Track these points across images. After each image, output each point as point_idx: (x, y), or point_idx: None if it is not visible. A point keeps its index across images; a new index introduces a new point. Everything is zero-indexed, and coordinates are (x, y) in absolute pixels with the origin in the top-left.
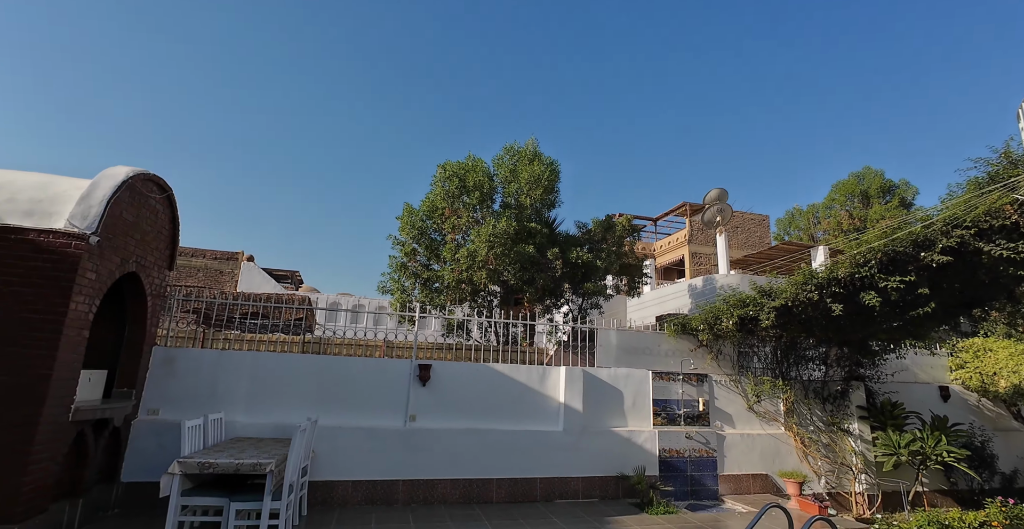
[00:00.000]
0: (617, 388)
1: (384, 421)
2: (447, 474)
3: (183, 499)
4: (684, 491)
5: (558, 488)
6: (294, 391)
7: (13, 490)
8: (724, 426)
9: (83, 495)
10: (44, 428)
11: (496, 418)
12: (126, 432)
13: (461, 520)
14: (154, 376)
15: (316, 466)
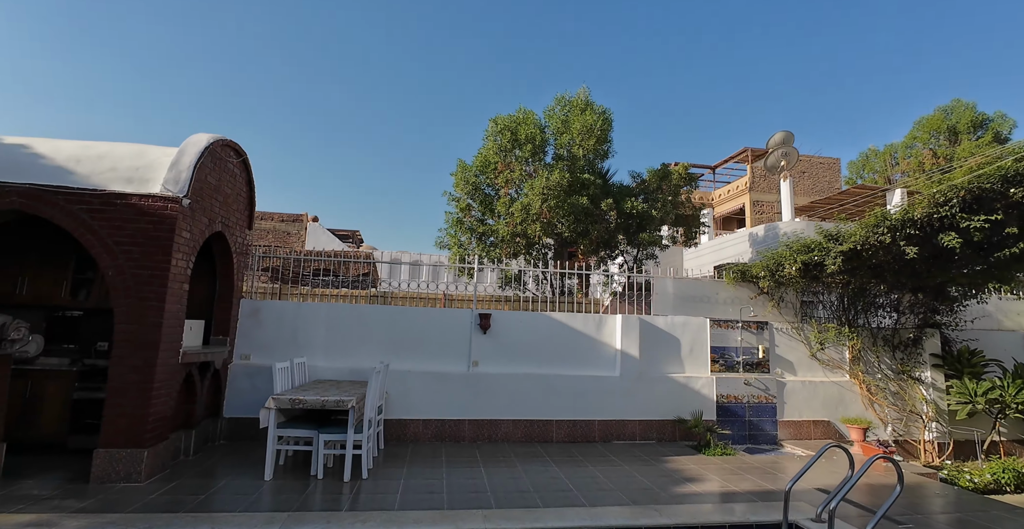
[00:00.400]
0: (674, 335)
1: (449, 366)
2: (509, 415)
3: (279, 431)
4: (742, 435)
5: (615, 430)
6: (366, 338)
7: (141, 420)
8: (785, 373)
9: (195, 427)
10: (161, 369)
11: (554, 364)
12: (224, 374)
13: (523, 456)
14: (243, 326)
15: (390, 406)
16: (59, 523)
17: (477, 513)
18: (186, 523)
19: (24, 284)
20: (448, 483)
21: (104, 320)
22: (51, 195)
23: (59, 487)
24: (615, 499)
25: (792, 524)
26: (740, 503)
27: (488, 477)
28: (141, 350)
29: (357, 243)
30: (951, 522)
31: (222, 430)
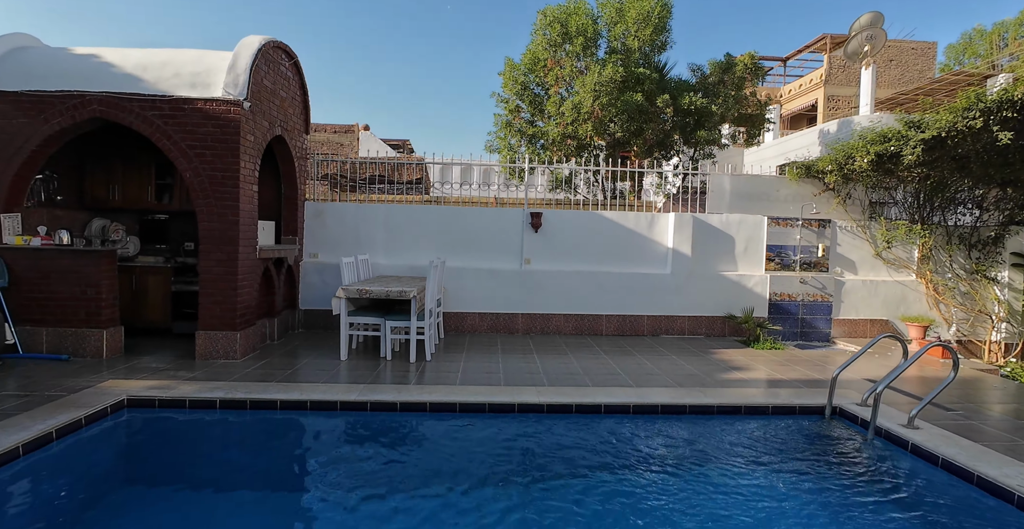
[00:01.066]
0: (728, 234)
1: (502, 264)
2: (560, 310)
3: (349, 318)
4: (793, 332)
5: (664, 325)
6: (421, 238)
7: (231, 307)
8: (844, 272)
9: (277, 316)
10: (242, 262)
11: (604, 262)
12: (297, 271)
13: (574, 346)
14: (309, 226)
15: (448, 300)
16: (176, 387)
17: (531, 389)
18: (279, 390)
19: (115, 190)
20: (504, 366)
21: (186, 222)
22: (126, 102)
23: (171, 362)
24: (661, 382)
25: (836, 408)
26: (785, 389)
27: (541, 362)
28: (224, 245)
29: (408, 152)
30: (1006, 412)
31: (299, 320)
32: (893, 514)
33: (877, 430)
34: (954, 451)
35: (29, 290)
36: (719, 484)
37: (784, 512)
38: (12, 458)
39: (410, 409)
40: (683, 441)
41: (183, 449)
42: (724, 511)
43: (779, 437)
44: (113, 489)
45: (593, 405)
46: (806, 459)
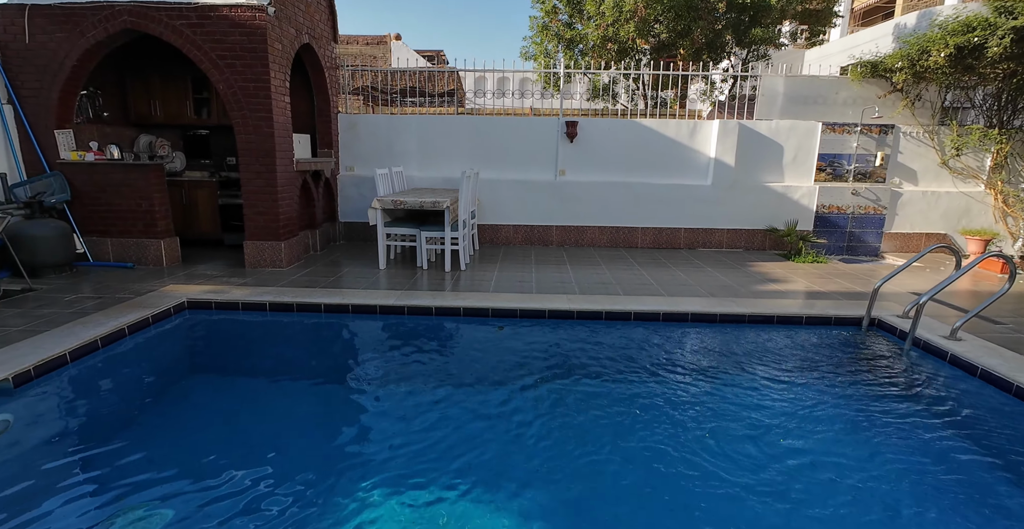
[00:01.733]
0: (777, 142)
1: (536, 175)
2: (595, 222)
3: (386, 229)
4: (839, 246)
5: (702, 238)
6: (455, 149)
7: (274, 218)
8: (903, 183)
9: (318, 228)
10: (281, 174)
11: (642, 173)
12: (335, 184)
13: (608, 258)
14: (343, 139)
15: (482, 212)
16: (230, 291)
17: (562, 297)
18: (323, 294)
19: (156, 106)
20: (536, 276)
21: (226, 137)
22: (154, 11)
23: (224, 270)
24: (693, 293)
25: (875, 319)
26: (822, 300)
27: (573, 273)
28: (262, 158)
29: (441, 64)
30: None
31: (339, 232)
32: (922, 420)
33: (916, 341)
34: (995, 362)
35: (90, 203)
36: (743, 387)
37: (804, 415)
38: (92, 349)
39: (445, 314)
40: (712, 348)
41: (238, 345)
42: (739, 411)
43: (810, 345)
44: (182, 377)
45: (623, 312)
46: (834, 367)
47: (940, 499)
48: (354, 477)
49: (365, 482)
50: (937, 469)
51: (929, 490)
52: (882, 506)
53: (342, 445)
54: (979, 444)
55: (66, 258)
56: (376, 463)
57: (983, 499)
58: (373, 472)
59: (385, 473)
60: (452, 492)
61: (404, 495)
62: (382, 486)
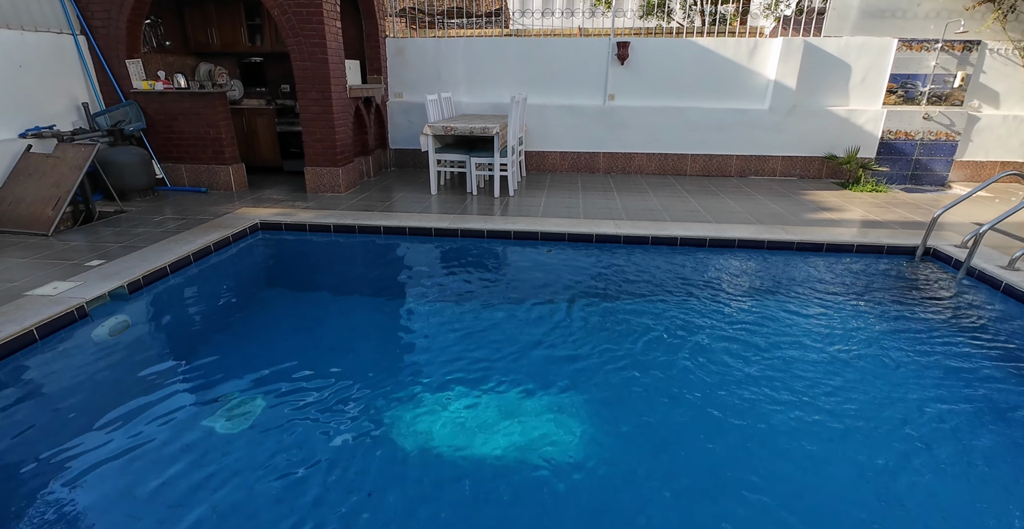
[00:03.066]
0: (845, 62)
1: (584, 100)
2: (644, 149)
3: (436, 155)
4: (903, 175)
5: (755, 166)
6: (503, 74)
7: (331, 145)
8: (983, 106)
9: (370, 154)
10: (336, 100)
11: (696, 96)
12: (384, 111)
13: (656, 185)
14: (392, 65)
15: (529, 138)
16: (296, 214)
17: (608, 222)
18: (381, 218)
19: (213, 34)
20: (584, 202)
21: (279, 65)
22: None
23: (288, 194)
24: (742, 220)
25: (930, 249)
26: (877, 229)
27: (620, 200)
28: (318, 84)
29: None
30: None
31: (391, 159)
32: (965, 348)
33: (970, 271)
34: None
35: (163, 131)
36: (785, 310)
37: (838, 336)
38: (185, 263)
39: (496, 236)
40: (757, 273)
41: (308, 262)
42: (777, 334)
43: (858, 272)
44: (261, 289)
45: (669, 238)
46: (878, 292)
47: (965, 413)
48: (410, 377)
49: (420, 382)
50: (967, 390)
51: (959, 406)
52: (911, 411)
53: (401, 351)
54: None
55: (148, 183)
56: (430, 365)
57: (1007, 413)
58: (427, 373)
59: (437, 374)
60: (493, 392)
61: (452, 391)
62: (434, 386)
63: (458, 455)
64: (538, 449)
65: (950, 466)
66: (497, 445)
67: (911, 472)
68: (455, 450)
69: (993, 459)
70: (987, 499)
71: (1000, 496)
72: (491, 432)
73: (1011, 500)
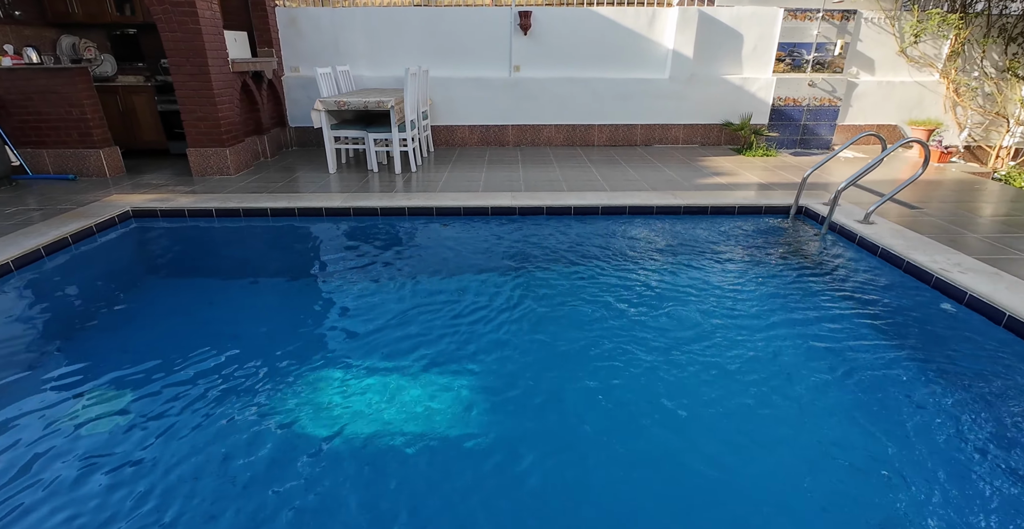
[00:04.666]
0: (738, 31)
1: (490, 72)
2: (551, 120)
3: (333, 132)
4: (792, 140)
5: (658, 134)
6: (405, 45)
7: (215, 123)
8: (860, 73)
9: (266, 133)
10: (215, 75)
11: (599, 67)
12: (280, 86)
13: (562, 157)
14: (285, 36)
15: (435, 113)
16: (175, 199)
17: (506, 194)
18: (270, 199)
19: (74, 3)
20: (487, 176)
21: (157, 37)
22: None
23: (170, 179)
24: (637, 187)
25: (802, 208)
26: (759, 191)
27: (524, 172)
28: (192, 57)
29: None
30: (972, 210)
31: (291, 138)
32: (820, 292)
33: (832, 226)
34: (896, 242)
35: (17, 113)
36: (668, 269)
37: (716, 292)
38: (36, 258)
39: (390, 214)
40: (645, 236)
41: (187, 250)
42: (661, 291)
43: (735, 232)
44: (133, 281)
45: (563, 207)
46: (754, 250)
47: (819, 350)
48: (303, 360)
49: (312, 363)
50: (820, 330)
51: (812, 342)
52: (776, 349)
53: (291, 333)
54: (870, 315)
55: (3, 171)
56: (323, 348)
57: (855, 344)
58: (320, 355)
59: (331, 355)
60: (395, 369)
61: (351, 371)
62: (331, 365)
63: (347, 433)
64: (432, 422)
65: (804, 385)
66: (391, 424)
67: (775, 389)
68: (341, 432)
69: (838, 382)
70: (831, 420)
71: (841, 417)
72: (381, 412)
73: (841, 416)
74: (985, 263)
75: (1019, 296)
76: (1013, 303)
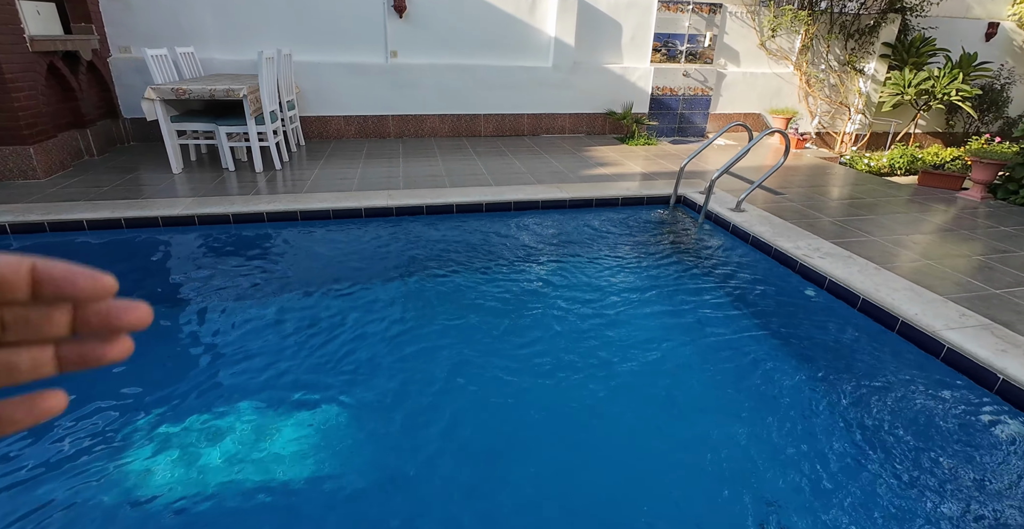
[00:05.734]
0: (616, 20)
1: (365, 57)
2: (435, 110)
3: (175, 125)
4: (671, 128)
5: (545, 124)
6: (267, 24)
7: (12, 116)
8: (728, 64)
9: (89, 127)
10: (6, 55)
11: (482, 54)
12: (105, 70)
13: (447, 149)
14: (108, 10)
15: (305, 102)
16: None
17: (383, 193)
18: (90, 208)
19: None
20: (363, 172)
21: None
22: None
23: None
24: (523, 181)
25: (681, 197)
26: (642, 181)
27: (404, 167)
28: None
29: None
30: (825, 194)
31: (127, 131)
32: (697, 279)
33: (708, 214)
34: (764, 229)
35: None
36: (554, 263)
37: (600, 284)
38: None
39: (245, 220)
40: (531, 233)
41: None
42: (543, 282)
43: (619, 224)
44: None
45: (445, 205)
46: (634, 241)
47: (694, 331)
48: (129, 410)
49: (140, 413)
50: (695, 318)
51: (687, 322)
52: (649, 327)
53: (102, 378)
54: (739, 298)
55: None
56: (153, 392)
57: (723, 323)
58: (154, 401)
59: (167, 401)
60: (245, 409)
61: (190, 419)
62: (168, 414)
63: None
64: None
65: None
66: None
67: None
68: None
69: (712, 346)
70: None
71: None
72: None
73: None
74: (840, 246)
75: (870, 279)
76: (865, 286)
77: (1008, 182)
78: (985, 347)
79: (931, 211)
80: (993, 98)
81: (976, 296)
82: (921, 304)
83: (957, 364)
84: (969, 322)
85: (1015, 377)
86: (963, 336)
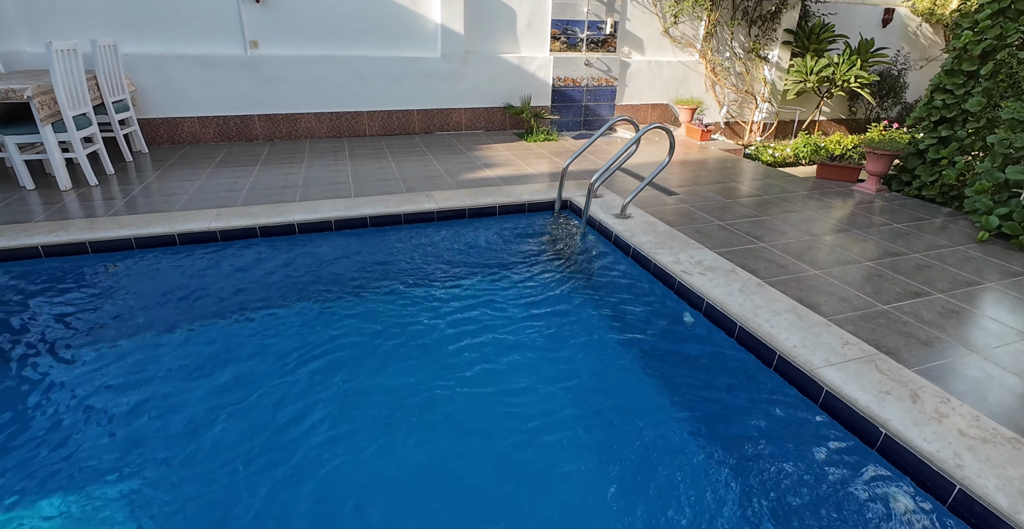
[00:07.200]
0: (509, 6)
1: (218, 48)
2: (310, 108)
3: None
4: (576, 121)
5: (439, 120)
6: (88, 10)
7: None
8: (632, 52)
9: None
10: None
11: (360, 44)
12: None
13: (319, 152)
14: None
15: (147, 102)
16: None
17: (210, 212)
18: None
19: None
20: (201, 185)
21: None
22: None
23: None
24: (392, 189)
25: (567, 202)
26: (528, 184)
27: (258, 176)
28: None
29: None
30: (721, 191)
31: None
32: (580, 306)
33: (591, 221)
34: (645, 239)
35: None
36: (419, 292)
37: (463, 307)
38: None
39: (12, 258)
40: (387, 254)
41: None
42: (408, 310)
43: (494, 238)
44: None
45: (283, 225)
46: (502, 261)
47: (567, 343)
48: None
49: None
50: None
51: (558, 338)
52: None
53: None
54: (611, 329)
55: None
56: None
57: (600, 346)
58: None
59: None
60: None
61: None
62: None
63: None
64: None
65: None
66: None
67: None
68: None
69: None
70: None
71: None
72: None
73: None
74: (725, 257)
75: (750, 300)
76: (744, 311)
77: (902, 173)
78: (867, 389)
79: (826, 208)
80: (891, 84)
81: (863, 315)
82: (802, 330)
83: (837, 413)
84: (852, 353)
85: (897, 433)
86: (844, 374)
